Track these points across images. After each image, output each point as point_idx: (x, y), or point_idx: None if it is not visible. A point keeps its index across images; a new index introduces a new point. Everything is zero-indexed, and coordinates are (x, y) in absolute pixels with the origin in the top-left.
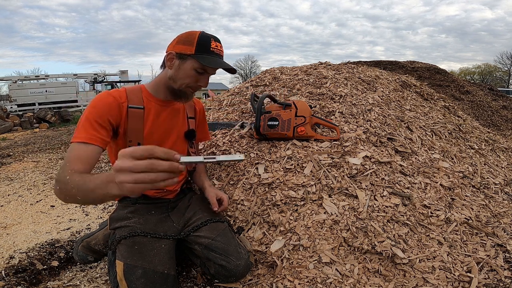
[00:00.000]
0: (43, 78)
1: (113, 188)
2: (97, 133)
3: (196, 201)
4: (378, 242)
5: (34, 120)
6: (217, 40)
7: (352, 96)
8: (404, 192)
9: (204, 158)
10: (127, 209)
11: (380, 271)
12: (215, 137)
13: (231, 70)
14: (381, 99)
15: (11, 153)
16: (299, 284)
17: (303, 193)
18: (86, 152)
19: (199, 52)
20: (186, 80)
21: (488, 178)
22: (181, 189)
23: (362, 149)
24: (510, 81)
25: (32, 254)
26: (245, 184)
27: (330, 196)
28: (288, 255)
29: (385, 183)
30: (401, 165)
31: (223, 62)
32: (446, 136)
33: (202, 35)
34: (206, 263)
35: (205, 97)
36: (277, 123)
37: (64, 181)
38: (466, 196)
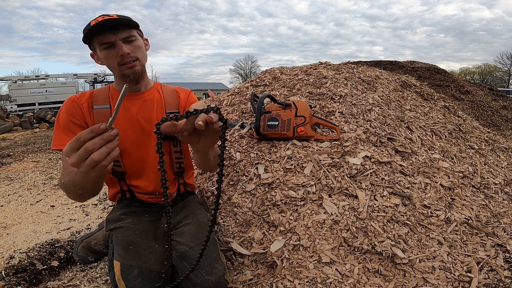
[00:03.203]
0: (43, 78)
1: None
2: (68, 139)
3: (191, 204)
4: (378, 242)
5: (34, 120)
6: (100, 16)
7: (352, 96)
8: (404, 192)
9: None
10: (121, 211)
11: (380, 271)
12: None
13: (115, 21)
14: (381, 99)
15: (11, 153)
16: (299, 284)
17: (303, 193)
18: None
19: (86, 36)
20: (109, 61)
21: (488, 178)
22: (178, 193)
23: (362, 149)
24: (510, 81)
25: (32, 254)
26: (244, 185)
27: (330, 196)
28: (288, 255)
29: (385, 183)
30: (401, 165)
31: (99, 22)
32: (446, 136)
33: (85, 26)
34: (179, 271)
35: (205, 97)
36: (277, 123)
37: (63, 186)
38: (466, 196)
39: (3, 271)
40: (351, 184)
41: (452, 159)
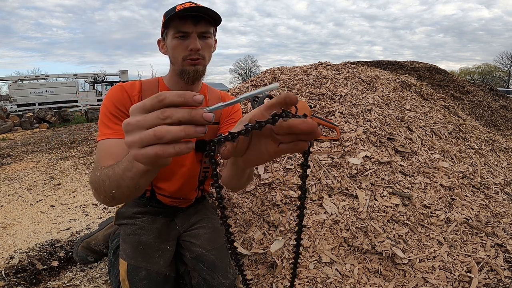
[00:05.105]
0: (43, 78)
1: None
2: (117, 126)
3: (204, 209)
4: (378, 242)
5: (34, 120)
6: (188, 2)
7: (352, 96)
8: (404, 192)
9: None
10: (136, 209)
11: (380, 271)
12: None
13: (202, 10)
14: (381, 99)
15: (11, 153)
16: (299, 284)
17: None
18: (115, 147)
19: (168, 19)
20: (176, 52)
21: (488, 178)
22: (196, 199)
23: (362, 149)
24: (510, 81)
25: (32, 254)
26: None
27: (330, 196)
28: (288, 255)
29: (385, 183)
30: (401, 165)
31: (189, 8)
32: (446, 136)
33: (169, 9)
34: (191, 272)
35: None
36: None
37: (96, 180)
38: (466, 196)
39: (3, 271)
40: (351, 184)
41: (452, 159)
